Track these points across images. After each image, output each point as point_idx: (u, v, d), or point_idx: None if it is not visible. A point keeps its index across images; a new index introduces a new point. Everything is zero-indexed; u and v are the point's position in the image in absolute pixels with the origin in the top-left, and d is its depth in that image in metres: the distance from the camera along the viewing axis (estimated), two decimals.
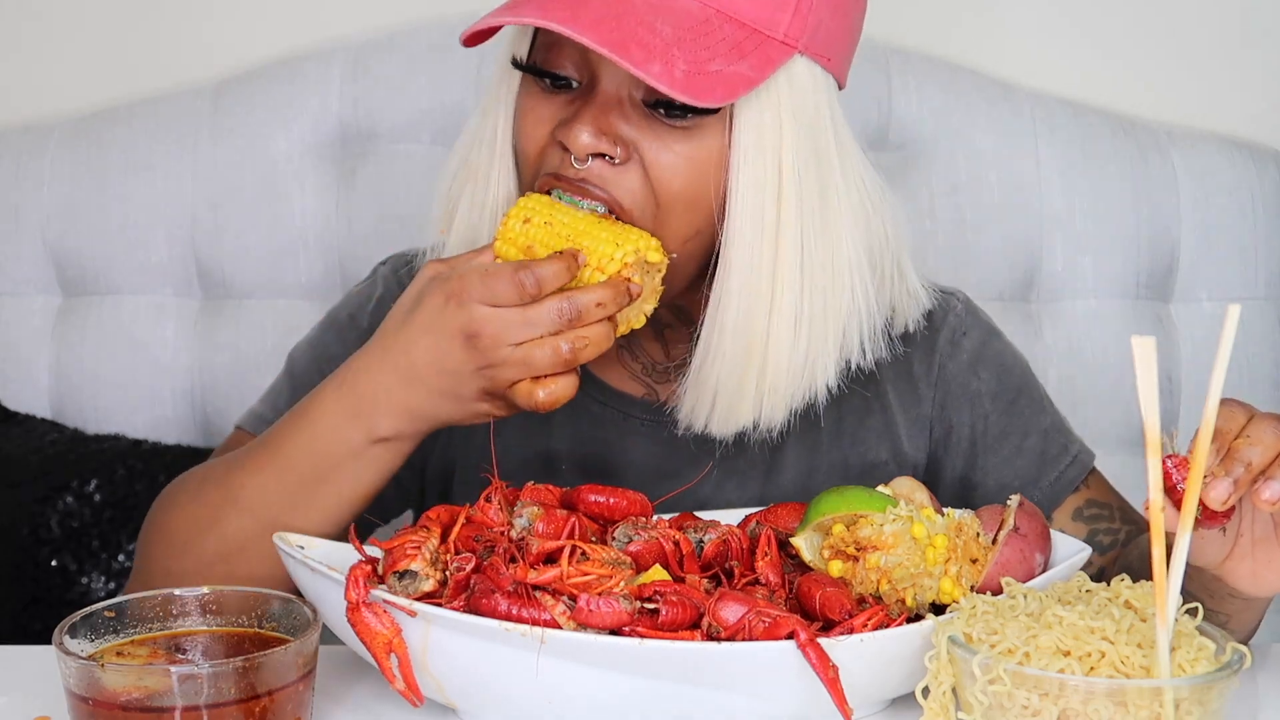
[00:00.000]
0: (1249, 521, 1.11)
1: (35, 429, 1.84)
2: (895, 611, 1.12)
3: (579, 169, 1.18)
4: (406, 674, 1.07)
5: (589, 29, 1.12)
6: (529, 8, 1.15)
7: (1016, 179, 1.91)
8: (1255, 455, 1.03)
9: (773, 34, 1.18)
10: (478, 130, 1.29)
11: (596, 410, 1.36)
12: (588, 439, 1.36)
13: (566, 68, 1.21)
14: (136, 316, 1.90)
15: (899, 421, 1.38)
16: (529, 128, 1.22)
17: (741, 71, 1.16)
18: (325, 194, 1.90)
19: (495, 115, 1.27)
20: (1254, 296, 1.94)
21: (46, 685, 1.13)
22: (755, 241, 1.19)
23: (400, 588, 1.07)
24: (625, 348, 1.37)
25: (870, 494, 1.17)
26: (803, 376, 1.23)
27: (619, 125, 1.19)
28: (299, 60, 1.93)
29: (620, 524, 1.17)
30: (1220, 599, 1.18)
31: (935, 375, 1.37)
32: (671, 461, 1.36)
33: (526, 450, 1.36)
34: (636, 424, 1.36)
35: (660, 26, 1.14)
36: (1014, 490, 1.35)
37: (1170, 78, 2.01)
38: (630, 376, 1.37)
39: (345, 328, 1.42)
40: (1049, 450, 1.39)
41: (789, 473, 1.36)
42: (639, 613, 1.06)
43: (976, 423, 1.38)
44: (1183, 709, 0.95)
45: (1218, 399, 0.99)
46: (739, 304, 1.20)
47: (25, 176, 1.91)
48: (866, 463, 1.36)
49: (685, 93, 1.13)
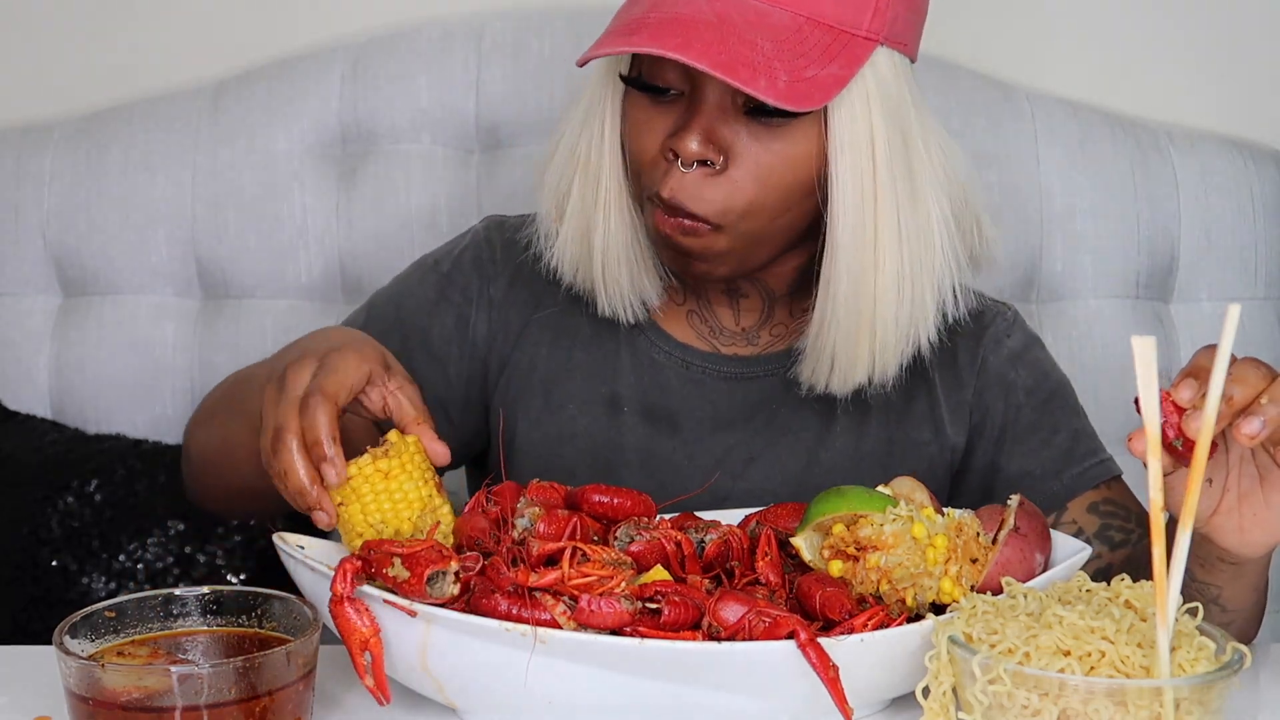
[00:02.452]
0: (1235, 476, 1.13)
1: (35, 429, 1.84)
2: (895, 611, 1.12)
3: (682, 174, 1.29)
4: (378, 673, 1.08)
5: (700, 55, 1.23)
6: (643, 36, 1.25)
7: (1016, 179, 1.91)
8: (1237, 392, 1.06)
9: (857, 32, 1.28)
10: (582, 126, 1.38)
11: (661, 359, 1.44)
12: (649, 386, 1.44)
13: (671, 80, 1.31)
14: (136, 316, 1.90)
15: (943, 405, 1.45)
16: (642, 139, 1.32)
17: (833, 73, 1.26)
18: (325, 194, 1.90)
19: (602, 116, 1.36)
20: (1254, 296, 1.94)
21: (46, 685, 1.13)
22: (857, 222, 1.31)
23: (429, 590, 1.08)
24: (695, 311, 1.45)
25: (870, 494, 1.17)
26: (909, 331, 1.35)
27: (722, 131, 1.29)
28: (299, 60, 1.93)
29: (622, 524, 1.17)
30: (1210, 566, 1.19)
31: (978, 365, 1.46)
32: (727, 411, 1.43)
33: (592, 392, 1.44)
34: (698, 372, 1.44)
35: (760, 43, 1.25)
36: (1035, 478, 1.41)
37: (1170, 78, 2.01)
38: (697, 336, 1.45)
39: (427, 270, 1.50)
40: (1076, 450, 1.44)
41: (840, 439, 1.43)
42: (640, 613, 1.07)
43: (1009, 411, 1.45)
44: (1183, 709, 0.95)
45: (1218, 399, 0.99)
46: (848, 278, 1.32)
47: (25, 176, 1.90)
48: (910, 440, 1.44)
49: (789, 102, 1.24)
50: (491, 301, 1.46)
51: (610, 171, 1.35)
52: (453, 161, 1.91)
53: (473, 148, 1.92)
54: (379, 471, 1.17)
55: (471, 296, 1.46)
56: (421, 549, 1.08)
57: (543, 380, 1.44)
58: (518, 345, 1.45)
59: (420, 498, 1.19)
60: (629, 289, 1.39)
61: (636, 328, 1.44)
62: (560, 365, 1.44)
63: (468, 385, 1.46)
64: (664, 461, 1.42)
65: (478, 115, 1.91)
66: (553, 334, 1.45)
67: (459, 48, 1.91)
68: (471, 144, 1.92)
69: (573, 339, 1.45)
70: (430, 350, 1.45)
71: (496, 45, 1.89)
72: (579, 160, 1.37)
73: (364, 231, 1.89)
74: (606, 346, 1.44)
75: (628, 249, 1.37)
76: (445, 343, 1.46)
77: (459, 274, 1.47)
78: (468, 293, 1.46)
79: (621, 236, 1.36)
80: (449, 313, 1.46)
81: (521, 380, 1.45)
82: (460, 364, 1.46)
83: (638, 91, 1.32)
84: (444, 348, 1.45)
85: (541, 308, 1.46)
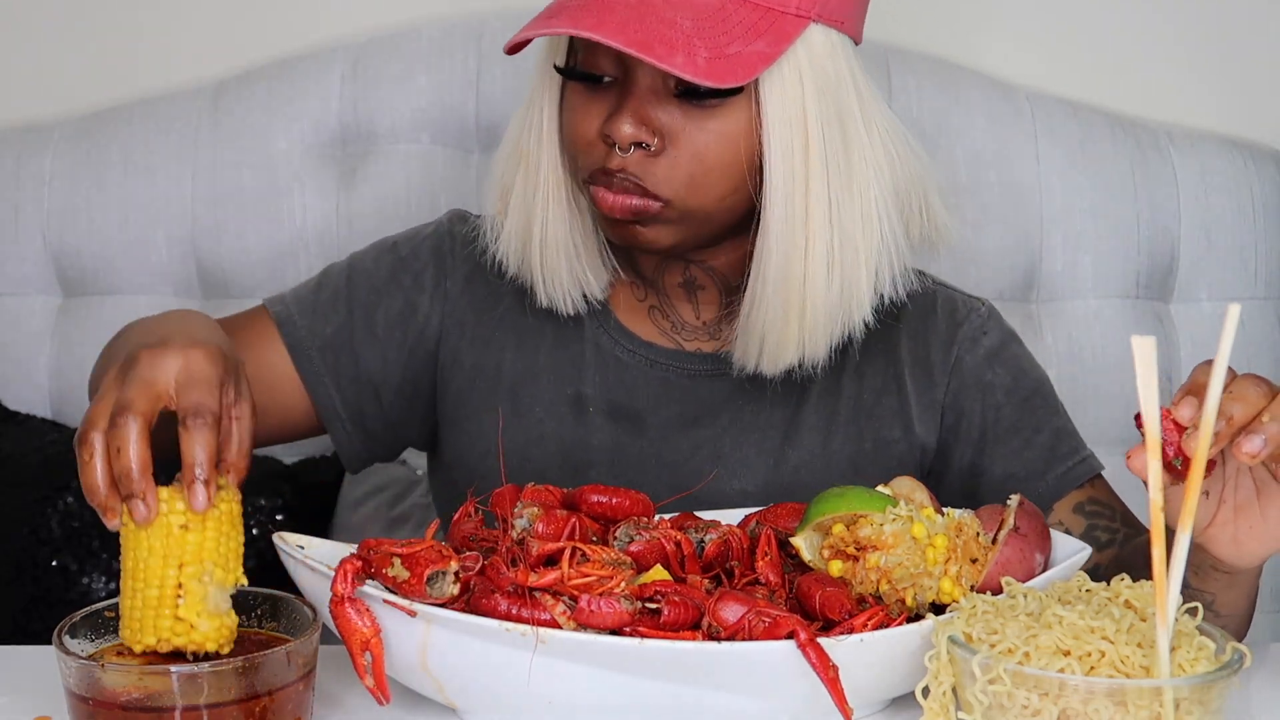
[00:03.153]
0: (1231, 488, 1.13)
1: (35, 429, 1.84)
2: (895, 611, 1.12)
3: (621, 158, 1.29)
4: (378, 673, 1.08)
5: (615, 33, 1.23)
6: (562, 19, 1.26)
7: (1016, 179, 1.91)
8: (1237, 410, 1.05)
9: (785, 9, 1.27)
10: (524, 118, 1.39)
11: (625, 358, 1.43)
12: (614, 384, 1.43)
13: (604, 67, 1.31)
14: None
15: (913, 404, 1.43)
16: (577, 126, 1.32)
17: (759, 50, 1.26)
18: (325, 194, 1.90)
19: (540, 107, 1.37)
20: (1254, 296, 1.94)
21: (46, 685, 1.13)
22: (787, 199, 1.30)
23: (429, 590, 1.08)
24: (656, 307, 1.44)
25: (870, 494, 1.17)
26: (839, 313, 1.34)
27: (656, 114, 1.29)
28: (299, 60, 1.93)
29: (622, 524, 1.17)
30: (1204, 575, 1.19)
31: (951, 365, 1.44)
32: (693, 408, 1.42)
33: (557, 392, 1.43)
34: (662, 370, 1.43)
35: (680, 20, 1.25)
36: (1019, 480, 1.39)
37: (1170, 78, 2.01)
38: (660, 333, 1.45)
39: (385, 250, 1.49)
40: (1059, 448, 1.42)
41: (807, 435, 1.42)
42: (640, 613, 1.07)
43: (988, 413, 1.43)
44: (1183, 709, 0.95)
45: (1218, 399, 0.99)
46: (777, 256, 1.31)
47: (25, 176, 1.91)
48: (880, 438, 1.43)
49: (708, 78, 1.24)
50: (447, 294, 1.45)
51: (548, 161, 1.36)
52: (452, 161, 1.91)
53: (472, 148, 1.93)
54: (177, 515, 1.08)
55: (425, 285, 1.45)
56: (421, 549, 1.08)
57: (510, 384, 1.43)
58: (482, 347, 1.44)
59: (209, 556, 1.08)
60: (567, 279, 1.38)
61: (600, 327, 1.43)
62: (526, 368, 1.43)
63: (405, 371, 1.45)
64: (631, 461, 1.41)
65: (477, 115, 1.91)
66: (517, 336, 1.45)
67: (459, 48, 1.91)
68: (471, 144, 1.92)
69: (538, 340, 1.44)
70: (372, 329, 1.44)
71: (496, 45, 1.89)
72: (521, 152, 1.38)
73: (364, 231, 1.89)
74: (572, 347, 1.43)
75: (566, 238, 1.37)
76: (389, 326, 1.44)
77: (415, 260, 1.47)
78: (420, 280, 1.45)
79: (560, 225, 1.37)
80: (397, 296, 1.45)
81: (488, 384, 1.44)
82: (402, 350, 1.44)
83: (574, 81, 1.32)
84: (387, 330, 1.44)
85: (500, 306, 1.45)
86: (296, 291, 1.47)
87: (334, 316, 1.44)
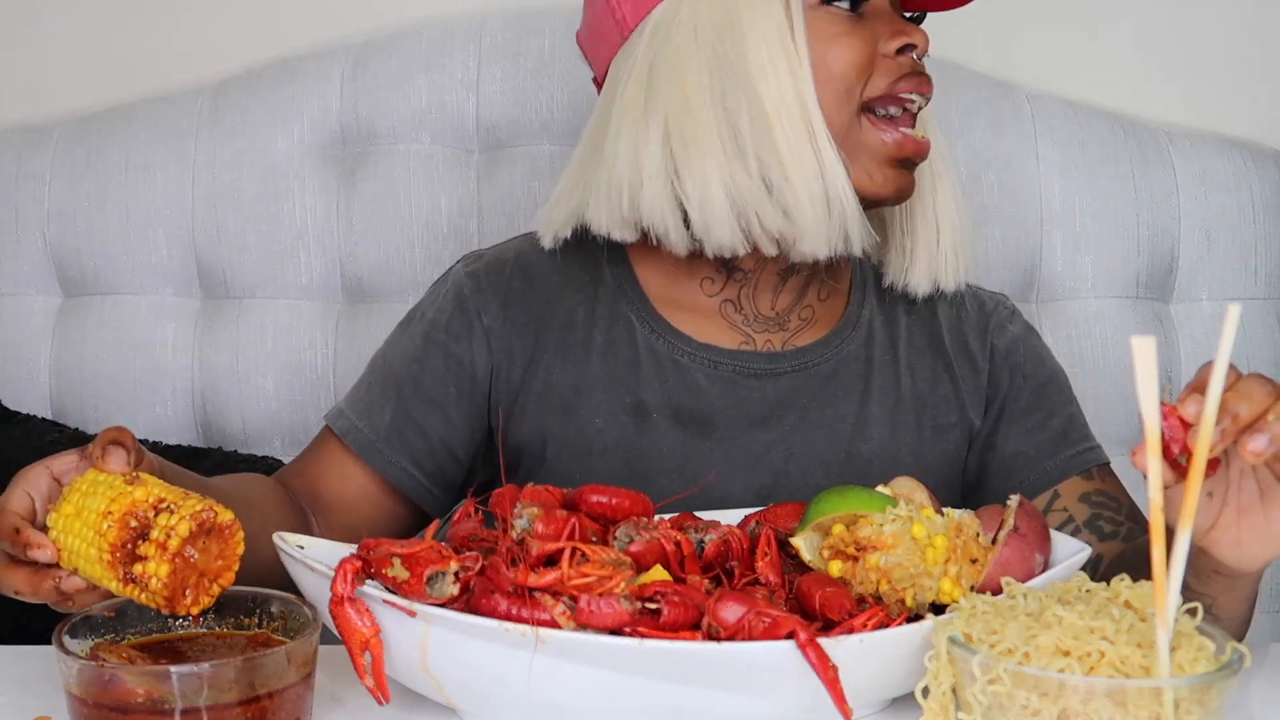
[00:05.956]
0: (1235, 490, 1.12)
1: (35, 429, 1.84)
2: (895, 611, 1.12)
3: (919, 67, 1.38)
4: (378, 673, 1.08)
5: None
6: None
7: (1016, 179, 1.91)
8: (1243, 409, 1.05)
9: None
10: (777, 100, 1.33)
11: (684, 361, 1.43)
12: (677, 389, 1.43)
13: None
14: (136, 316, 1.90)
15: (963, 390, 1.48)
16: (853, 55, 1.35)
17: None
18: (325, 194, 1.90)
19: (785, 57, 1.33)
20: (1254, 296, 1.94)
21: (46, 685, 1.13)
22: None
23: (429, 590, 1.08)
24: (732, 300, 1.44)
25: (870, 494, 1.17)
26: (966, 248, 1.48)
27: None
28: (299, 60, 1.93)
29: (621, 524, 1.17)
30: (1205, 578, 1.19)
31: (988, 350, 1.50)
32: (761, 408, 1.42)
33: (615, 401, 1.42)
34: (727, 371, 1.43)
35: None
36: (1028, 459, 1.44)
37: (1170, 78, 2.01)
38: (729, 327, 1.45)
39: (412, 321, 1.48)
40: (1070, 434, 1.47)
41: (875, 428, 1.44)
42: (640, 613, 1.07)
43: (1011, 391, 1.48)
44: (1183, 709, 0.95)
45: (1217, 399, 0.99)
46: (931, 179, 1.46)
47: (25, 176, 1.91)
48: (938, 424, 1.46)
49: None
50: (489, 330, 1.44)
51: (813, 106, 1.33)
52: (452, 161, 1.91)
53: (472, 147, 1.92)
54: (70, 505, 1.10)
55: (459, 333, 1.44)
56: (421, 549, 1.08)
57: (561, 400, 1.42)
58: (529, 370, 1.43)
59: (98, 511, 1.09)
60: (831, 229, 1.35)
61: (653, 331, 1.43)
62: (576, 382, 1.42)
63: (470, 420, 1.44)
64: (702, 464, 1.41)
65: (477, 115, 1.91)
66: (562, 354, 1.43)
67: (459, 48, 1.91)
68: (471, 144, 1.92)
69: (586, 351, 1.43)
70: (425, 396, 1.43)
71: (496, 45, 1.89)
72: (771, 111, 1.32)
73: (364, 231, 1.89)
74: (623, 355, 1.42)
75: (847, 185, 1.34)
76: (439, 385, 1.43)
77: (442, 316, 1.45)
78: (453, 330, 1.44)
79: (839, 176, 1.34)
80: (436, 355, 1.44)
81: (537, 404, 1.43)
82: (460, 403, 1.44)
83: (826, 14, 1.35)
84: (439, 390, 1.43)
85: (543, 324, 1.44)
86: (350, 398, 1.47)
87: (387, 404, 1.43)
